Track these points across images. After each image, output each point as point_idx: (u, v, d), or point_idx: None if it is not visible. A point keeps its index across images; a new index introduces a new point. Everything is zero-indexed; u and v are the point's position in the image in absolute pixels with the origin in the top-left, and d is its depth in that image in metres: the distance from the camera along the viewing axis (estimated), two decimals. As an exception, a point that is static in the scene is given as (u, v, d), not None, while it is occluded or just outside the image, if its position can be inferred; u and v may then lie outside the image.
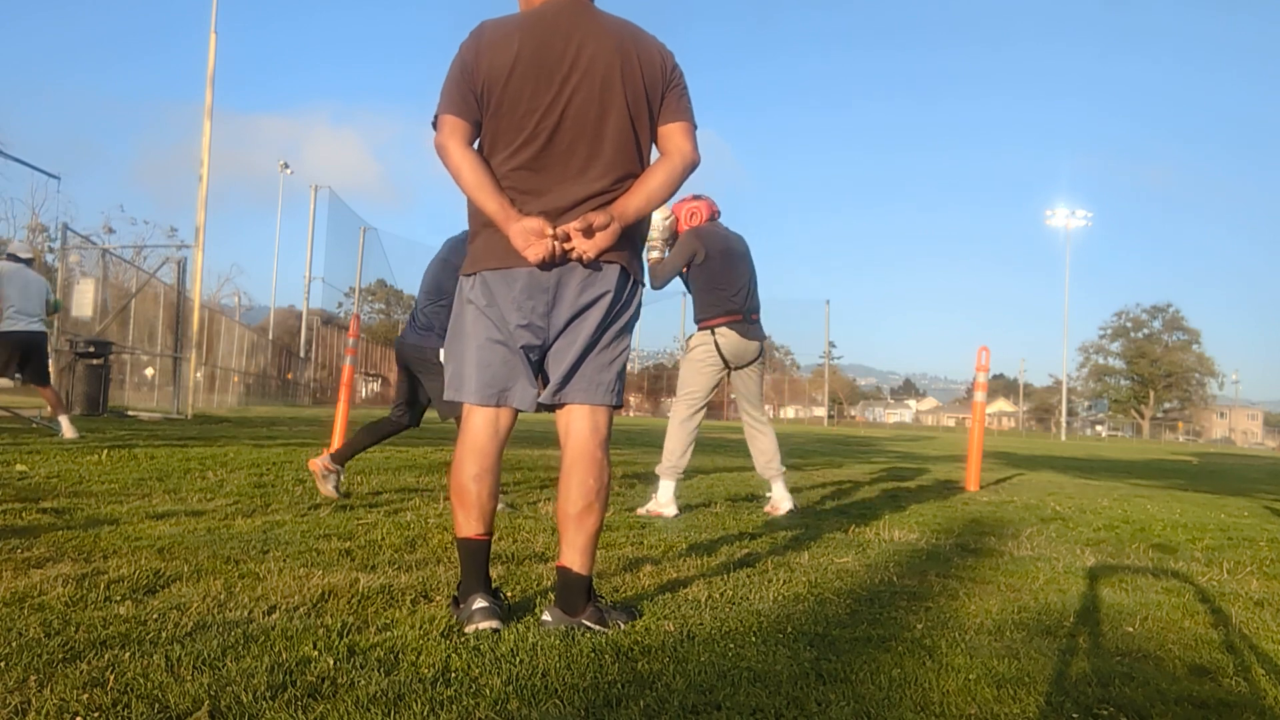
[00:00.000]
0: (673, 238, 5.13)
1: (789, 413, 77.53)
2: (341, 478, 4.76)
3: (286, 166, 47.80)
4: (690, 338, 5.11)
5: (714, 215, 5.14)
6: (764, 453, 5.06)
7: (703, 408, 5.01)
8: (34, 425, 8.96)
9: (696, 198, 5.16)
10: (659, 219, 5.04)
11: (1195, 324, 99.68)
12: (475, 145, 2.31)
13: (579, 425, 2.31)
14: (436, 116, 2.27)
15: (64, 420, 7.85)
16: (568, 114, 2.23)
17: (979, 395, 7.74)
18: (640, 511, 4.63)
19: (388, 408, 5.26)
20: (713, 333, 4.94)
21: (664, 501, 4.69)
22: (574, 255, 2.20)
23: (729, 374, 5.09)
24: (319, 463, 4.65)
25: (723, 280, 4.96)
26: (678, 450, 4.87)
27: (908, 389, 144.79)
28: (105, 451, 6.28)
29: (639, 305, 2.39)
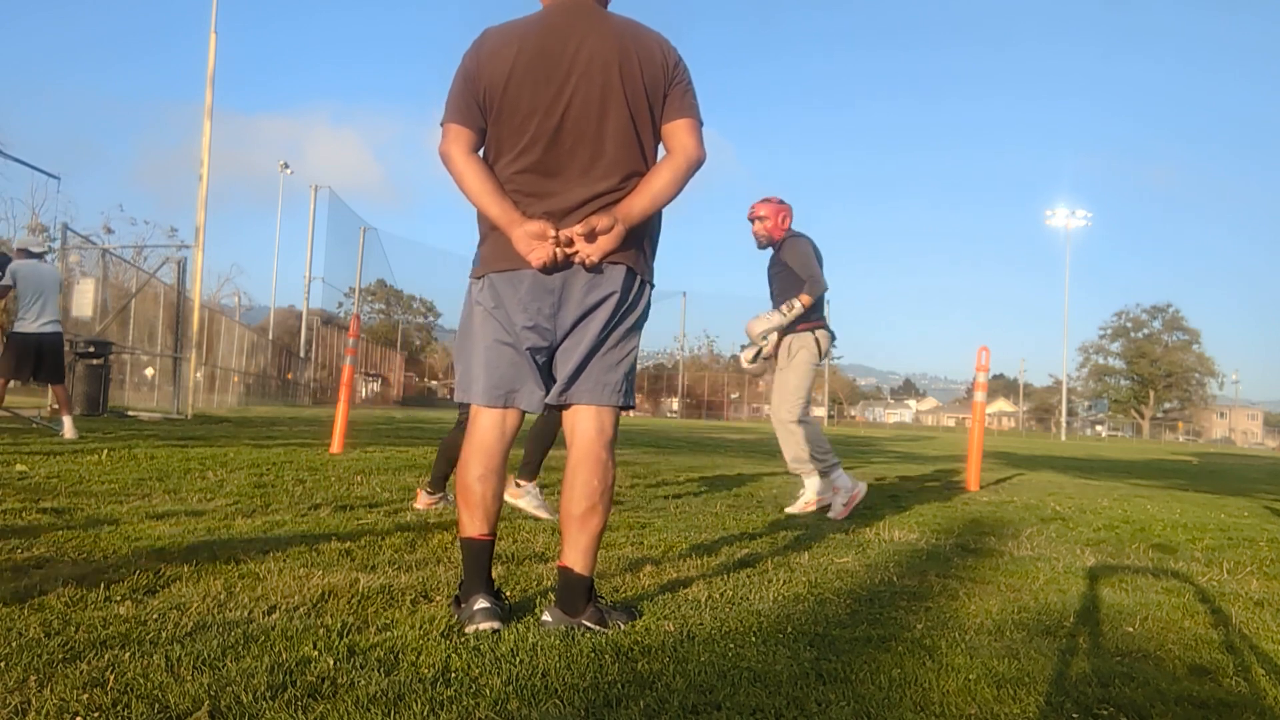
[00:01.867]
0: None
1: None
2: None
3: (286, 166, 47.79)
4: (788, 339, 5.09)
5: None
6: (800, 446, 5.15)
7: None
8: (34, 425, 8.97)
9: (781, 201, 5.22)
10: (759, 336, 5.07)
11: (1195, 324, 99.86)
12: (481, 152, 2.33)
13: (585, 426, 2.31)
14: (441, 125, 2.30)
15: (67, 420, 7.85)
16: (568, 115, 2.24)
17: (979, 395, 7.74)
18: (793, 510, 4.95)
19: (388, 407, 5.26)
20: (814, 334, 5.06)
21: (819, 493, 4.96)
22: (577, 259, 2.20)
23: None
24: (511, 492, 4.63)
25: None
26: (823, 443, 5.08)
27: (908, 389, 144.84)
28: (105, 451, 6.28)
29: (648, 306, 2.38)
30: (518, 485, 4.46)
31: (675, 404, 61.43)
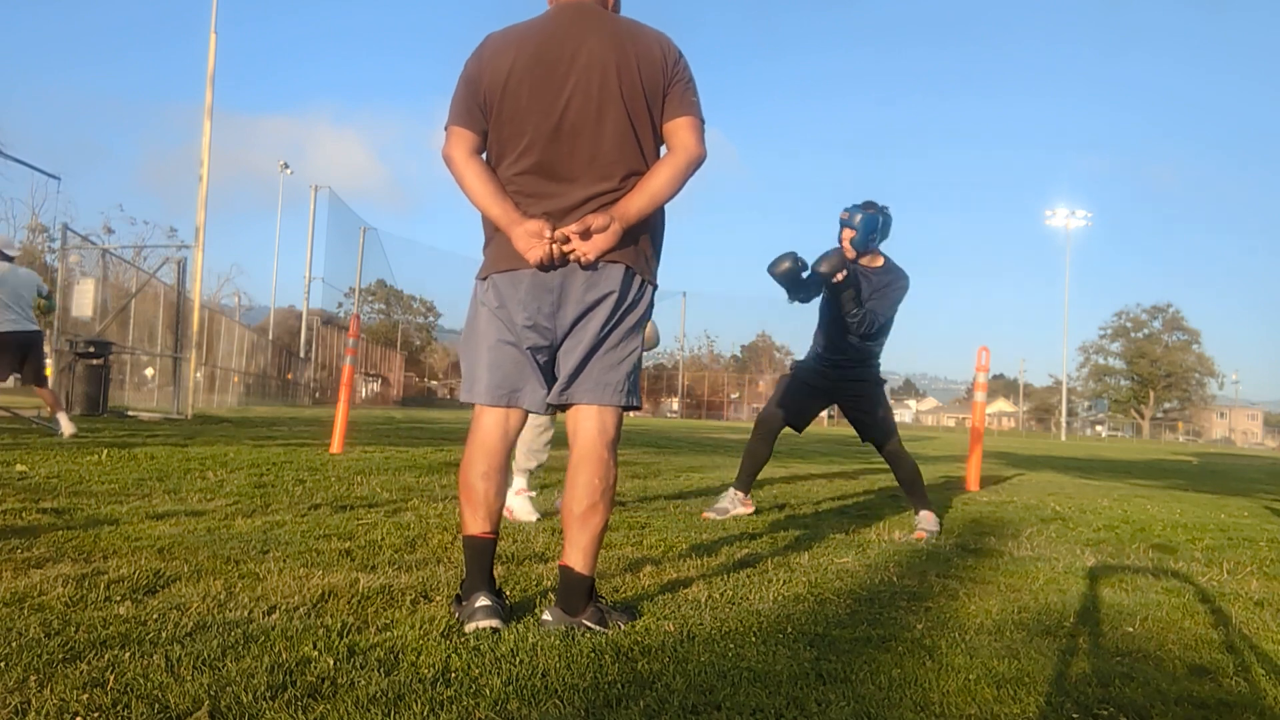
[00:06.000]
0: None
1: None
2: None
3: (286, 166, 47.83)
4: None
5: None
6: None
7: None
8: (34, 425, 8.96)
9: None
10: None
11: (1195, 324, 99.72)
12: (484, 155, 2.36)
13: (586, 425, 2.32)
14: (445, 129, 2.33)
15: (63, 418, 7.85)
16: (567, 116, 2.25)
17: (979, 395, 7.74)
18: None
19: (388, 407, 5.27)
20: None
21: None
22: (573, 257, 2.22)
23: None
24: (737, 504, 4.66)
25: None
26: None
27: (908, 389, 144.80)
28: (105, 451, 6.28)
29: (650, 306, 2.40)
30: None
31: (675, 404, 61.48)
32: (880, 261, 4.54)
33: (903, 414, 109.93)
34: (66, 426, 7.74)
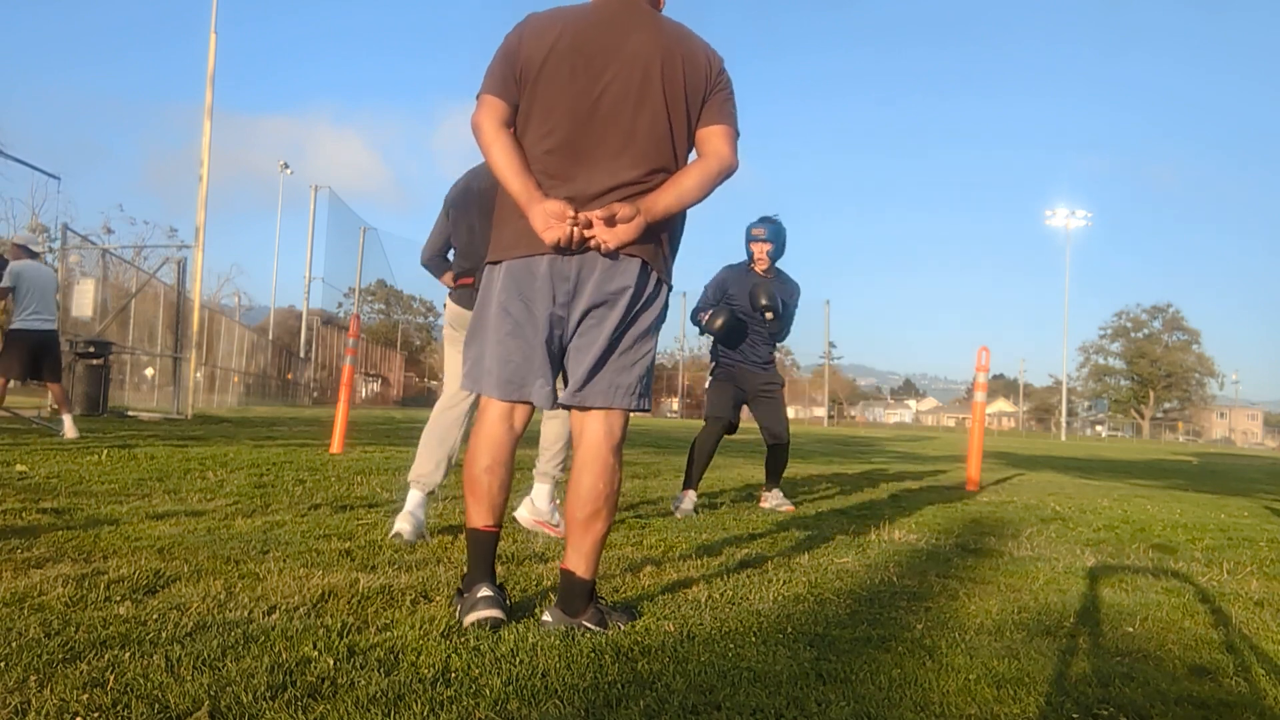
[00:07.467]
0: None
1: (789, 413, 77.45)
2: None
3: (286, 166, 47.83)
4: None
5: None
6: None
7: None
8: (34, 425, 8.96)
9: None
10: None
11: (1195, 324, 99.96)
12: (512, 129, 2.33)
13: (593, 427, 2.30)
14: (477, 96, 2.30)
15: (67, 419, 7.85)
16: (602, 102, 2.24)
17: (979, 395, 7.74)
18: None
19: (388, 407, 5.26)
20: None
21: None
22: (593, 244, 2.19)
23: None
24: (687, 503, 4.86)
25: None
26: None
27: (908, 389, 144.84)
28: (105, 451, 6.28)
29: (665, 306, 2.37)
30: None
31: (675, 404, 61.41)
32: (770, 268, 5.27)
33: (903, 414, 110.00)
34: (69, 429, 7.73)
